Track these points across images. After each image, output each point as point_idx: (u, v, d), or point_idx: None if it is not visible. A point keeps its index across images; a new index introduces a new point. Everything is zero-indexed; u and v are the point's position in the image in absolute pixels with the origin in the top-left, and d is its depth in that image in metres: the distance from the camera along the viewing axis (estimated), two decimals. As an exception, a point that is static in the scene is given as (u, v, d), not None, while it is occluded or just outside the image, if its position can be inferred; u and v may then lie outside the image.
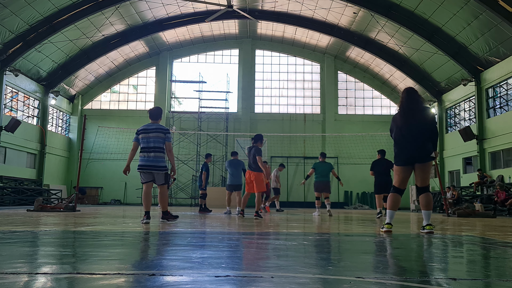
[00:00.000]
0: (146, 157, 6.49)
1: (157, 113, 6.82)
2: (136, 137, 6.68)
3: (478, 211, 12.08)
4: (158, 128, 6.62)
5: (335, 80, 27.30)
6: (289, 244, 3.79)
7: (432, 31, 19.57)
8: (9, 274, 2.05)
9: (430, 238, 4.58)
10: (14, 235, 4.24)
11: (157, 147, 6.52)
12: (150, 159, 6.47)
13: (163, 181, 6.58)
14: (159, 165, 6.52)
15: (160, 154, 6.54)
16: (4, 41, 18.13)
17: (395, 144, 5.42)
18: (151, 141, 6.52)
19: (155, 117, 6.77)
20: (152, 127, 6.63)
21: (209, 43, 27.44)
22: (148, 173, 6.51)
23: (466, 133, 19.70)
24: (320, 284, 1.96)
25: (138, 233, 4.76)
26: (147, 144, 6.52)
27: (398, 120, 5.42)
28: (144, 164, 6.50)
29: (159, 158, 6.53)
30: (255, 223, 7.08)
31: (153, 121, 6.76)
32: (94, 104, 26.91)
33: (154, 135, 6.54)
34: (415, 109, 5.38)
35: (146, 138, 6.55)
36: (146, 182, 6.55)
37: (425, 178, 5.20)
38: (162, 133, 6.58)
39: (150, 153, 6.48)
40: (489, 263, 2.96)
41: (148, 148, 6.50)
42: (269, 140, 25.11)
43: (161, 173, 6.54)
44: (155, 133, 6.55)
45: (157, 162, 6.51)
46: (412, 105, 5.40)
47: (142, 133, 6.61)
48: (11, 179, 19.69)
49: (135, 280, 1.99)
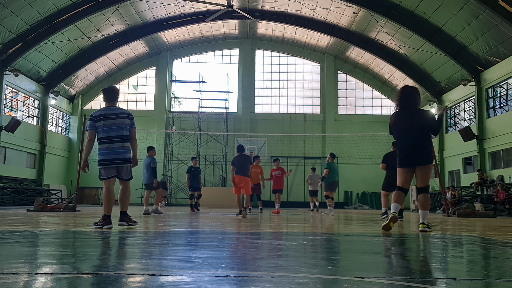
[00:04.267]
0: (109, 148, 5.36)
1: (114, 93, 5.65)
2: (91, 124, 5.42)
3: (478, 211, 12.08)
4: (122, 113, 5.51)
5: (335, 80, 27.30)
6: (289, 244, 3.79)
7: (432, 31, 19.56)
8: (9, 274, 2.05)
9: (430, 238, 4.58)
10: (14, 235, 4.24)
11: (122, 135, 5.43)
12: (115, 151, 5.37)
13: (131, 175, 5.54)
14: (125, 156, 5.43)
15: (126, 144, 5.45)
16: (4, 41, 18.13)
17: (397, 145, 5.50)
18: (115, 129, 5.39)
19: (112, 99, 5.60)
20: (115, 112, 5.48)
21: (209, 43, 27.44)
22: (112, 168, 5.40)
23: (466, 133, 19.69)
24: (320, 284, 1.96)
25: (138, 233, 4.75)
26: (109, 133, 5.37)
27: (396, 121, 5.43)
28: (107, 158, 5.37)
29: (126, 148, 5.44)
30: (253, 222, 7.09)
31: (110, 103, 5.58)
32: (94, 104, 26.91)
33: (118, 122, 5.42)
34: (413, 111, 5.36)
35: (109, 126, 5.38)
36: (107, 178, 5.41)
37: (425, 180, 5.26)
38: (127, 119, 5.50)
39: (114, 144, 5.37)
40: (489, 263, 2.96)
41: (111, 138, 5.37)
42: (269, 140, 25.13)
43: (128, 166, 5.48)
44: (119, 119, 5.44)
45: (123, 153, 5.41)
46: (409, 104, 5.38)
47: (102, 120, 5.39)
48: (11, 179, 19.69)
49: (135, 280, 1.99)
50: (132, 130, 5.57)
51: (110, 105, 5.58)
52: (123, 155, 5.42)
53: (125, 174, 5.47)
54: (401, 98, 5.44)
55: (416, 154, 5.21)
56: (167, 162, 25.73)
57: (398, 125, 5.37)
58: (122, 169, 5.44)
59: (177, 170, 25.31)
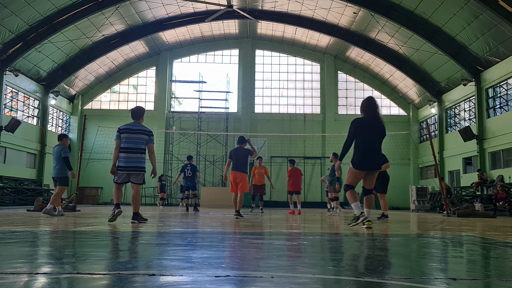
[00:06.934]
0: (127, 158, 6.39)
1: (139, 113, 6.72)
2: (118, 135, 6.51)
3: (478, 211, 12.08)
4: (142, 129, 6.56)
5: (335, 80, 27.30)
6: (289, 244, 3.79)
7: (432, 31, 19.57)
8: (9, 274, 2.05)
9: (430, 238, 4.57)
10: (14, 235, 4.24)
11: (139, 148, 6.46)
12: (132, 160, 6.40)
13: (141, 180, 6.52)
14: (139, 165, 6.47)
15: (141, 155, 6.50)
16: (4, 41, 18.13)
17: (357, 149, 5.83)
18: (133, 142, 6.43)
19: (137, 117, 6.69)
20: (136, 127, 6.55)
21: (209, 43, 27.44)
22: (126, 174, 6.44)
23: (466, 133, 19.70)
24: (320, 284, 1.96)
25: (138, 233, 4.76)
26: (128, 145, 6.42)
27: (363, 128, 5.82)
28: (124, 166, 6.40)
29: (140, 159, 6.48)
30: (253, 222, 7.09)
31: (135, 121, 6.68)
32: (94, 104, 26.91)
33: (137, 136, 6.47)
34: (378, 120, 5.89)
35: (129, 138, 6.44)
36: (119, 183, 6.47)
37: (373, 182, 5.90)
38: (146, 135, 6.54)
39: (132, 154, 6.41)
40: (489, 263, 2.96)
41: (130, 149, 6.41)
42: (269, 140, 25.12)
43: (140, 173, 6.50)
44: (138, 134, 6.49)
45: (138, 163, 6.45)
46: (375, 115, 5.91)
47: (125, 133, 6.48)
48: (11, 179, 19.69)
49: (135, 280, 1.99)
50: (150, 145, 6.59)
51: (135, 121, 6.68)
52: (137, 164, 6.45)
53: (137, 179, 6.48)
54: (369, 107, 5.95)
55: (376, 160, 5.77)
56: (167, 162, 25.74)
57: (366, 132, 5.81)
58: (134, 176, 6.46)
59: (177, 170, 25.29)
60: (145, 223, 6.40)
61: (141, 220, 6.49)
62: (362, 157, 5.73)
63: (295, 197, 12.70)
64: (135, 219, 6.43)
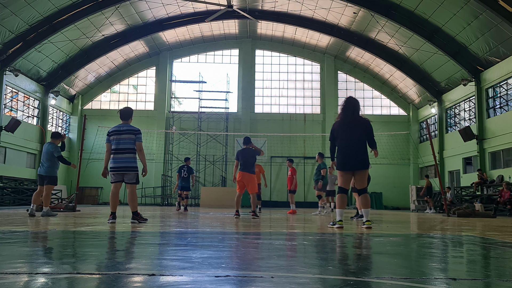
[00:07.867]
0: (117, 158, 6.57)
1: (128, 114, 6.84)
2: (107, 138, 6.72)
3: (478, 211, 12.08)
4: (129, 129, 6.69)
5: (335, 80, 27.30)
6: (289, 244, 3.79)
7: (432, 31, 19.57)
8: (9, 274, 2.05)
9: (430, 238, 4.57)
10: (14, 235, 4.24)
11: (128, 148, 6.60)
12: (122, 160, 6.56)
13: (134, 180, 6.65)
14: (130, 165, 6.62)
15: (131, 155, 6.63)
16: (4, 41, 18.13)
17: (338, 151, 5.98)
18: (122, 143, 6.59)
19: (125, 118, 6.82)
20: (124, 128, 6.70)
21: (209, 43, 27.44)
22: (119, 174, 6.62)
23: (466, 133, 19.69)
24: (320, 284, 1.96)
25: (138, 233, 4.75)
26: (118, 146, 6.59)
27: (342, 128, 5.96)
28: (115, 166, 6.59)
29: (131, 159, 6.62)
30: (252, 222, 7.08)
31: (124, 121, 6.81)
32: (94, 104, 26.91)
33: (125, 137, 6.62)
34: (357, 120, 5.97)
35: (118, 140, 6.61)
36: (115, 182, 6.66)
37: (363, 182, 5.93)
38: (133, 134, 6.66)
39: (121, 155, 6.57)
40: (489, 263, 2.96)
41: (119, 150, 6.58)
42: (269, 140, 25.11)
43: (132, 173, 6.63)
44: (126, 134, 6.63)
45: (128, 163, 6.60)
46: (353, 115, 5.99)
47: (114, 135, 6.66)
48: (11, 179, 19.69)
49: (135, 280, 1.99)
50: (137, 143, 6.66)
51: (123, 122, 6.80)
52: (127, 164, 6.59)
53: (128, 179, 6.63)
54: (344, 109, 6.08)
55: (356, 162, 5.83)
56: (167, 162, 25.73)
57: (344, 132, 5.93)
58: (126, 175, 6.63)
59: (177, 170, 25.28)
60: (145, 223, 6.44)
61: (141, 220, 6.59)
62: (342, 158, 5.91)
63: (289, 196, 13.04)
64: (135, 219, 6.55)
